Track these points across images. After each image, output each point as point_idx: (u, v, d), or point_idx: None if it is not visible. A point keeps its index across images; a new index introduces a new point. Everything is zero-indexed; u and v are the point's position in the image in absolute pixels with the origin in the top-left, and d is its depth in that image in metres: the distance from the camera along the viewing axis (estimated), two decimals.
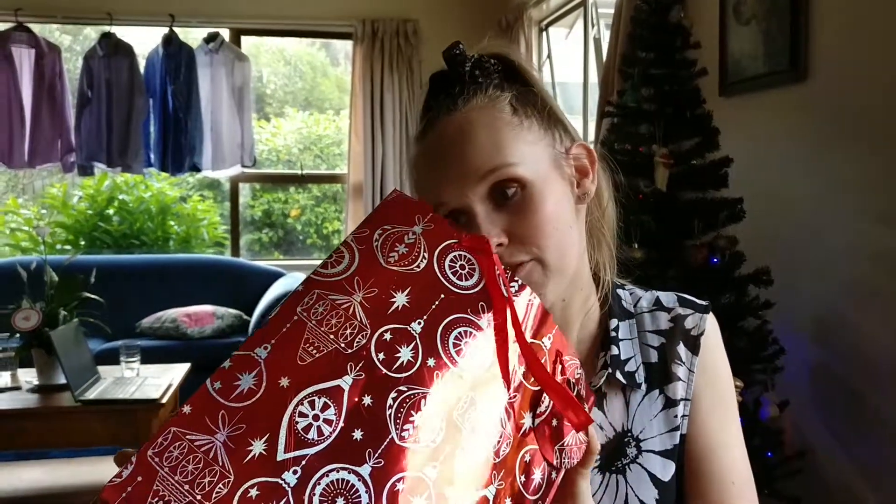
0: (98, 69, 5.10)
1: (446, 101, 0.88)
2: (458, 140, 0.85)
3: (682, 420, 0.94)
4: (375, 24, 5.42)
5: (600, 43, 4.20)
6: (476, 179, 0.83)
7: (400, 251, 0.73)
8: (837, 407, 2.48)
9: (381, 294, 0.71)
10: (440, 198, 0.85)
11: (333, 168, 6.17)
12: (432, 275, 0.73)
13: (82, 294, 3.38)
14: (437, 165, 0.86)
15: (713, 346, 0.97)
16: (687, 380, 0.94)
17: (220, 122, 5.33)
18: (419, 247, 0.74)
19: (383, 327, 0.69)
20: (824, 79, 2.51)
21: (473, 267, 0.74)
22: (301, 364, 0.66)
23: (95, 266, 3.74)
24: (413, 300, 0.71)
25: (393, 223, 0.76)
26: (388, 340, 0.68)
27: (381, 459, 0.63)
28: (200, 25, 5.36)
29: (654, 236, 2.59)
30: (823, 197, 2.52)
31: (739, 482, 0.93)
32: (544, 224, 0.84)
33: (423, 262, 0.73)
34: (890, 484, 2.28)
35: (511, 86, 0.89)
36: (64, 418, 3.07)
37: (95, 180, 5.71)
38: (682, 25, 2.73)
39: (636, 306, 1.00)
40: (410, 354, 0.68)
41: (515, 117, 0.86)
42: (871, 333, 2.33)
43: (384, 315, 0.69)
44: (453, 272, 0.73)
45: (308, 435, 0.63)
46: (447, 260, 0.74)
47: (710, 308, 0.99)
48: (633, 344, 0.96)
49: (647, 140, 2.67)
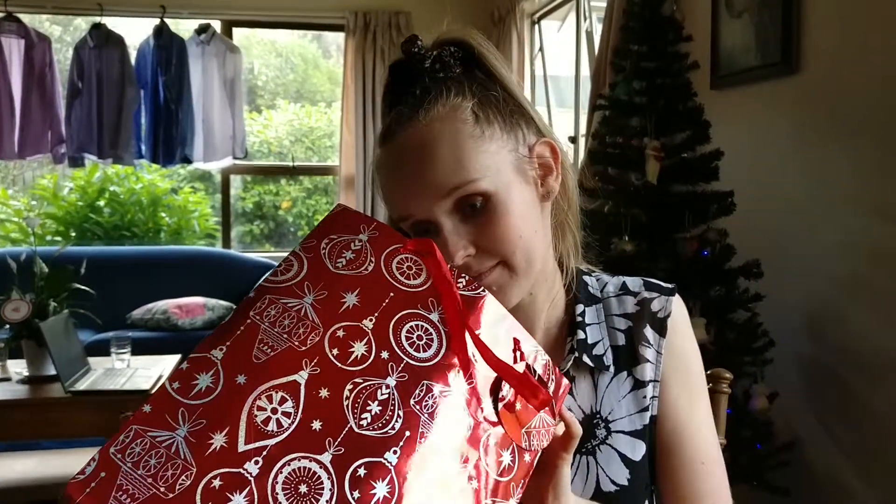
0: (88, 60, 5.08)
1: (407, 107, 0.86)
2: (420, 156, 0.84)
3: (652, 401, 0.96)
4: (367, 16, 5.41)
5: (592, 36, 4.20)
6: (440, 196, 0.84)
7: (347, 257, 0.76)
8: (826, 398, 2.50)
9: (331, 296, 0.73)
10: (406, 210, 0.87)
11: (325, 160, 6.17)
12: (380, 276, 0.75)
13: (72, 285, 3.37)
14: (401, 178, 0.87)
15: (680, 328, 0.99)
16: (655, 361, 0.96)
17: (212, 113, 5.31)
18: (366, 252, 0.76)
19: (336, 325, 0.71)
20: (816, 72, 2.52)
21: (420, 268, 0.75)
22: (257, 362, 0.68)
23: (86, 257, 3.72)
24: (363, 300, 0.73)
25: (339, 233, 0.78)
26: (342, 337, 0.70)
27: (340, 447, 0.65)
28: (192, 17, 5.33)
29: (644, 229, 2.60)
30: (814, 190, 2.53)
31: (709, 462, 0.95)
32: (510, 234, 0.85)
33: (370, 266, 0.75)
34: (878, 475, 2.30)
35: (472, 83, 0.88)
36: (54, 409, 3.06)
37: (86, 171, 5.69)
38: (674, 18, 2.73)
39: (603, 291, 1.02)
40: (364, 349, 0.70)
41: (477, 127, 0.85)
42: (861, 326, 2.34)
43: (336, 314, 0.71)
44: (401, 273, 0.75)
45: (268, 427, 0.65)
46: (394, 263, 0.76)
47: (675, 290, 1.01)
48: (601, 328, 0.98)
49: (639, 133, 2.67)
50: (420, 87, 0.87)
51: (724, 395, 1.30)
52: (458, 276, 0.76)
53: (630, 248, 2.54)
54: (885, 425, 2.26)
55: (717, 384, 1.29)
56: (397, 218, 0.89)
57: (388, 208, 0.91)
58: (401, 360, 0.70)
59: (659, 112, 2.66)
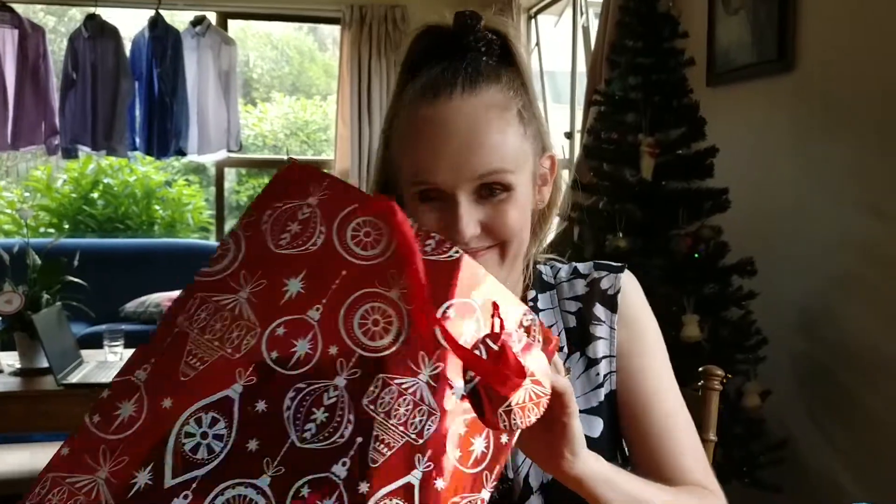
0: (83, 51, 5.05)
1: (461, 79, 0.89)
2: (469, 133, 0.87)
3: (609, 377, 0.99)
4: (364, 9, 5.39)
5: (588, 31, 4.19)
6: (473, 176, 0.88)
7: (293, 230, 0.68)
8: (819, 397, 2.50)
9: (270, 285, 0.66)
10: (431, 175, 0.88)
11: (320, 154, 6.16)
12: (331, 250, 0.67)
13: (65, 278, 3.35)
14: (440, 144, 0.88)
15: (633, 301, 1.02)
16: (609, 337, 1.00)
17: (207, 106, 5.29)
18: (315, 221, 0.69)
19: (275, 322, 0.64)
20: (812, 69, 2.52)
21: (380, 233, 0.68)
22: (184, 380, 0.63)
23: (79, 250, 3.70)
24: (308, 285, 0.66)
25: (285, 199, 0.70)
26: (282, 336, 0.64)
27: (280, 467, 0.59)
28: (187, 8, 5.31)
29: (639, 225, 2.59)
30: (809, 188, 2.53)
31: (682, 419, 0.98)
32: (514, 225, 0.91)
33: (319, 238, 0.68)
34: (871, 473, 2.30)
35: (516, 80, 0.93)
36: (46, 402, 3.05)
37: (80, 163, 5.67)
38: (670, 15, 2.72)
39: (556, 278, 1.06)
40: (308, 346, 0.64)
41: (521, 125, 0.91)
42: (855, 324, 2.34)
43: (276, 308, 0.65)
44: (356, 242, 0.68)
45: (197, 455, 0.60)
46: (349, 230, 0.68)
47: (625, 268, 1.04)
48: (554, 313, 1.02)
49: (634, 129, 2.67)
50: (472, 65, 0.91)
51: (715, 393, 1.29)
52: (426, 239, 0.69)
53: (624, 245, 2.53)
54: (877, 423, 2.26)
55: (709, 381, 1.29)
56: (411, 177, 0.91)
57: (407, 164, 0.92)
58: (352, 353, 0.63)
59: (654, 108, 2.65)
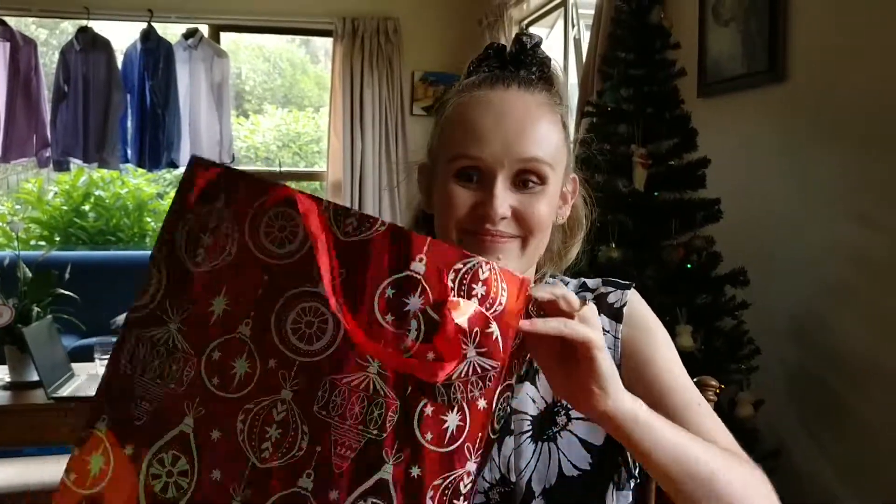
0: (75, 63, 5.05)
1: (521, 75, 0.97)
2: (522, 119, 0.93)
3: None
4: (356, 21, 5.40)
5: (580, 43, 4.20)
6: (516, 158, 0.92)
7: (206, 244, 0.66)
8: (812, 406, 2.50)
9: (197, 309, 0.64)
10: (478, 151, 0.92)
11: (312, 165, 6.15)
12: (247, 254, 0.64)
13: (56, 290, 3.34)
14: (492, 123, 0.93)
15: (639, 310, 1.04)
16: (613, 346, 1.01)
17: (199, 118, 5.29)
18: (227, 226, 0.65)
19: (209, 347, 0.63)
20: (803, 80, 2.53)
21: (295, 223, 0.64)
22: (139, 424, 0.63)
23: (70, 262, 3.69)
24: (233, 299, 0.64)
25: (195, 207, 0.67)
26: (218, 359, 0.63)
27: (247, 490, 0.60)
28: (179, 21, 5.31)
29: (631, 236, 2.60)
30: (801, 198, 2.54)
31: (703, 404, 0.97)
32: (542, 219, 0.94)
33: (233, 245, 0.65)
34: (864, 483, 2.30)
35: (559, 99, 1.00)
36: (37, 416, 3.03)
37: (71, 176, 5.65)
38: (661, 26, 2.74)
39: None
40: (247, 365, 0.62)
41: (564, 132, 0.98)
42: (847, 334, 2.35)
43: (206, 332, 0.64)
44: (272, 239, 0.65)
45: (167, 494, 0.61)
46: (262, 228, 0.65)
47: (632, 286, 1.06)
48: None
49: (626, 140, 2.68)
50: (525, 73, 0.98)
51: (710, 403, 1.29)
52: (346, 218, 0.65)
53: (617, 256, 2.54)
54: (870, 433, 2.26)
55: (703, 392, 1.29)
56: (455, 154, 0.94)
57: (452, 143, 0.95)
58: (292, 363, 0.62)
59: (646, 119, 2.66)
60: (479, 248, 0.92)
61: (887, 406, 2.20)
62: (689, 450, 0.79)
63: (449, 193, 0.94)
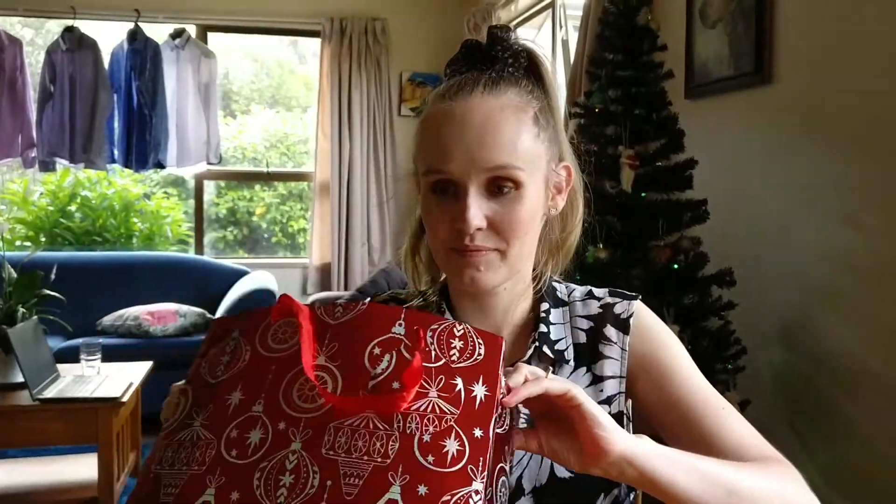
0: (61, 63, 5.02)
1: (483, 80, 0.95)
2: (483, 127, 0.92)
3: (617, 398, 1.01)
4: (344, 22, 5.40)
5: (568, 44, 4.22)
6: (483, 167, 0.92)
7: (225, 361, 0.77)
8: (798, 407, 2.51)
9: (216, 407, 0.73)
10: (445, 165, 0.92)
11: (300, 166, 6.14)
12: (258, 357, 0.75)
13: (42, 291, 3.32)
14: (455, 137, 0.92)
15: (647, 321, 1.04)
16: (620, 357, 1.01)
17: (186, 118, 5.27)
18: (240, 346, 0.77)
19: (227, 428, 0.71)
20: (789, 82, 2.55)
21: (294, 324, 0.75)
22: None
23: (56, 263, 3.68)
24: (247, 390, 0.73)
25: (216, 343, 0.79)
26: (236, 436, 0.70)
27: None
28: (167, 21, 5.30)
29: (618, 237, 2.60)
30: (787, 199, 2.55)
31: (728, 407, 0.97)
32: (519, 226, 0.94)
33: (247, 354, 0.76)
34: (848, 483, 2.31)
35: (536, 89, 0.98)
36: (22, 417, 3.01)
37: (57, 176, 5.62)
38: (649, 28, 2.75)
39: (570, 296, 1.08)
40: (260, 434, 0.70)
41: (536, 127, 0.95)
42: (833, 335, 2.36)
43: (225, 419, 0.72)
44: (276, 340, 0.76)
45: None
46: (269, 338, 0.77)
47: (638, 297, 1.06)
48: (565, 328, 1.04)
49: (614, 141, 2.68)
50: (496, 71, 0.96)
51: None
52: (334, 309, 0.77)
53: (604, 256, 2.54)
54: (855, 433, 2.28)
55: None
56: (426, 169, 0.95)
57: (423, 157, 0.96)
58: (299, 420, 0.69)
59: (634, 121, 2.67)
60: (462, 264, 0.95)
61: (872, 407, 2.21)
62: (706, 468, 0.80)
63: (429, 211, 0.96)
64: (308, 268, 5.57)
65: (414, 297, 1.11)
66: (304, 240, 5.99)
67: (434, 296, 1.09)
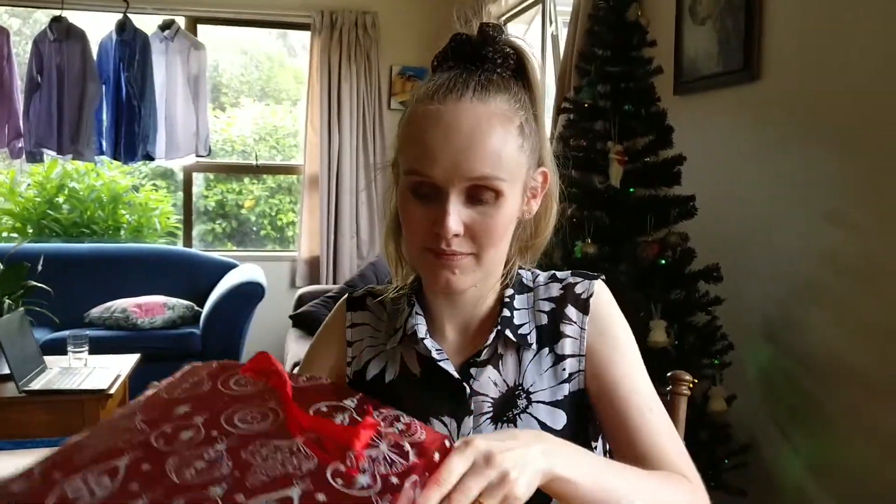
0: (49, 54, 4.99)
1: (471, 85, 0.95)
2: (470, 135, 0.92)
3: (577, 376, 1.03)
4: (334, 15, 5.39)
5: (558, 40, 4.22)
6: (466, 176, 0.92)
7: (184, 387, 0.84)
8: (783, 402, 2.53)
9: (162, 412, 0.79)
10: (428, 169, 0.93)
11: (289, 159, 6.13)
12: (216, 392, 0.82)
13: (29, 283, 3.31)
14: (440, 142, 0.92)
15: (604, 303, 1.06)
16: (578, 336, 1.04)
17: (175, 110, 5.25)
18: (202, 382, 0.85)
19: (163, 426, 0.76)
20: (777, 79, 2.56)
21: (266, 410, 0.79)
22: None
23: (43, 254, 3.67)
24: (195, 407, 0.79)
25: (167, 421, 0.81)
26: (168, 432, 0.75)
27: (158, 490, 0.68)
28: (156, 12, 5.27)
29: (607, 232, 2.61)
30: (774, 196, 2.56)
31: (656, 409, 1.00)
32: (496, 233, 0.96)
33: (206, 388, 0.83)
34: (832, 476, 2.33)
35: (524, 95, 0.98)
36: (8, 409, 3.01)
37: (45, 167, 5.58)
38: (638, 23, 2.76)
39: (534, 282, 1.10)
40: (191, 433, 0.75)
41: (520, 137, 0.96)
42: (819, 331, 2.38)
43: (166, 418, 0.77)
44: (238, 385, 0.84)
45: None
46: (231, 382, 0.84)
47: (600, 277, 1.09)
48: (529, 313, 1.07)
49: (603, 137, 2.69)
50: (485, 73, 0.97)
51: (683, 398, 1.30)
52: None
53: (592, 251, 2.55)
54: (839, 427, 2.30)
55: (677, 386, 1.30)
56: (409, 167, 0.96)
57: (406, 156, 0.97)
58: (231, 433, 0.74)
59: (623, 116, 2.68)
60: (437, 265, 0.96)
61: (856, 403, 2.23)
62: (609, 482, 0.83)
63: (407, 211, 0.97)
64: (297, 261, 5.56)
65: (389, 292, 1.14)
66: (293, 233, 5.98)
67: (406, 289, 1.12)
